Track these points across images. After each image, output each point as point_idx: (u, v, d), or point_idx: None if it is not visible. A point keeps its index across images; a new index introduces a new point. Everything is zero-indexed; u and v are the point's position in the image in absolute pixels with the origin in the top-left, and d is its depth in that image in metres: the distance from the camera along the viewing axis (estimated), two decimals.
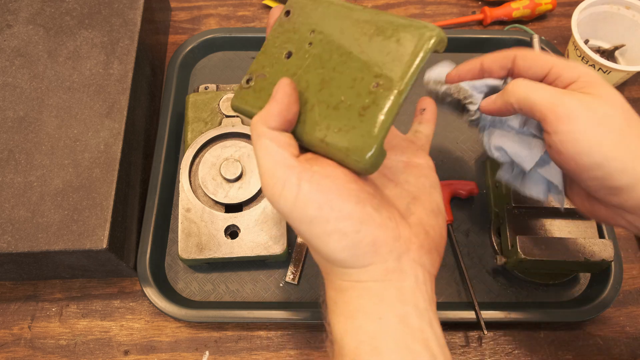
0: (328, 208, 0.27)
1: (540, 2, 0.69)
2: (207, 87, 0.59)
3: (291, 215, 0.28)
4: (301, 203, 0.27)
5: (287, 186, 0.27)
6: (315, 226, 0.28)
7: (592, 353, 0.50)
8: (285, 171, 0.28)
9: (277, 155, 0.28)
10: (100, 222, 0.46)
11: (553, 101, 0.33)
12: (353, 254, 0.28)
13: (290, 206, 0.28)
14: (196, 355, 0.50)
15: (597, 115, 0.32)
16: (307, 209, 0.27)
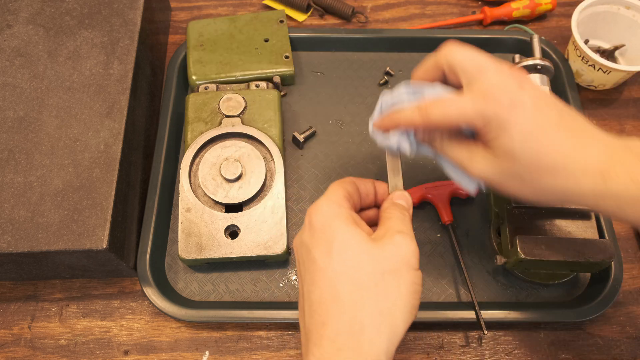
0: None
1: (540, 2, 0.69)
2: (207, 87, 0.59)
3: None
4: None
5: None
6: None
7: (592, 353, 0.50)
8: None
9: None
10: (100, 222, 0.46)
11: (464, 167, 0.38)
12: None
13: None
14: (196, 355, 0.50)
15: (501, 175, 0.36)
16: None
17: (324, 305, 0.32)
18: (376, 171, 0.59)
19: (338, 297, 0.32)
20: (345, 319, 0.31)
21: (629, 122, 0.63)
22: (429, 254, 0.54)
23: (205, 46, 0.63)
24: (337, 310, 0.31)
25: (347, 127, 0.62)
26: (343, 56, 0.67)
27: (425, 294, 0.52)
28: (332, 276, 0.32)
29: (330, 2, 0.70)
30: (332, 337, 0.31)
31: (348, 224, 0.34)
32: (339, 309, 0.31)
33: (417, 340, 0.51)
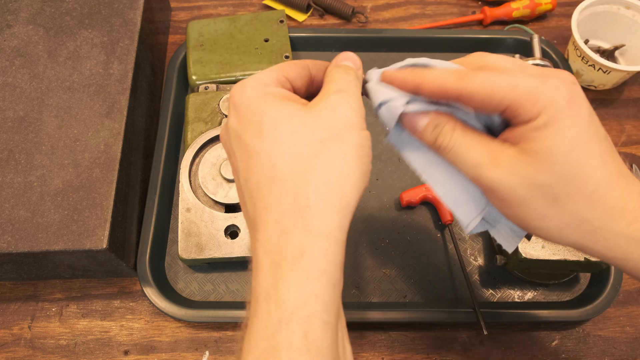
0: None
1: (540, 2, 0.69)
2: (207, 87, 0.59)
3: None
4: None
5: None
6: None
7: (592, 353, 0.50)
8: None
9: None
10: (100, 222, 0.46)
11: (482, 174, 0.30)
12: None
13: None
14: (196, 355, 0.50)
15: (530, 188, 0.28)
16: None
17: (263, 189, 0.28)
18: (376, 171, 0.59)
19: (277, 177, 0.28)
20: (288, 198, 0.27)
21: (629, 122, 0.63)
22: (429, 254, 0.54)
23: (205, 46, 0.63)
24: (278, 191, 0.28)
25: None
26: None
27: (426, 294, 0.52)
28: (267, 157, 0.28)
29: (330, 2, 0.70)
30: (276, 219, 0.28)
31: (276, 99, 0.30)
32: (280, 189, 0.28)
33: (417, 340, 0.51)
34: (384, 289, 0.53)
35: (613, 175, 0.28)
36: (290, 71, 0.32)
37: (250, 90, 0.30)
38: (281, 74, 0.31)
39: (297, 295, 0.26)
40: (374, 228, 0.56)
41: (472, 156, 0.30)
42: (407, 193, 0.56)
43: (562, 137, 0.27)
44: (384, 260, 0.54)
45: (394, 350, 0.50)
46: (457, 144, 0.30)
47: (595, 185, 0.28)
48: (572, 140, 0.27)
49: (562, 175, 0.28)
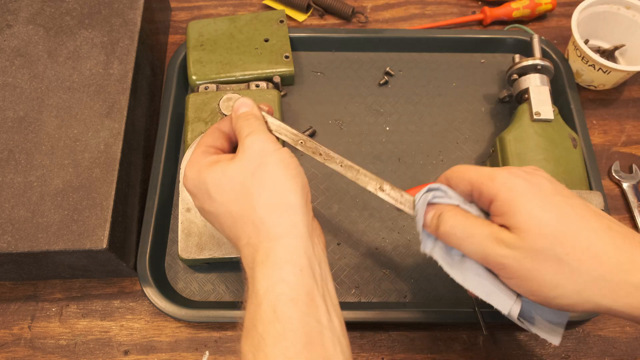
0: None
1: (540, 2, 0.69)
2: (207, 87, 0.59)
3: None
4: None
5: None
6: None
7: (592, 353, 0.50)
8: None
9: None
10: (100, 222, 0.46)
11: (482, 253, 0.33)
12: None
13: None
14: (196, 355, 0.50)
15: (532, 255, 0.31)
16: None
17: (232, 229, 0.37)
18: (376, 171, 0.59)
19: (236, 217, 0.36)
20: (248, 225, 0.36)
21: (629, 122, 0.63)
22: None
23: (205, 46, 0.63)
24: (241, 224, 0.36)
25: (347, 127, 0.62)
26: (343, 56, 0.67)
27: (426, 294, 0.52)
28: (225, 208, 0.37)
29: (330, 2, 0.70)
30: (247, 242, 0.36)
31: (208, 168, 0.38)
32: (242, 222, 0.36)
33: (416, 340, 0.51)
34: (384, 289, 0.53)
35: (603, 231, 0.30)
36: (208, 140, 0.41)
37: (190, 172, 0.39)
38: (203, 146, 0.41)
39: (265, 283, 0.33)
40: (374, 228, 0.56)
41: (476, 239, 0.33)
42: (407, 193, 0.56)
43: (533, 205, 0.31)
44: (384, 260, 0.54)
45: (394, 350, 0.50)
46: (459, 228, 0.34)
47: (587, 241, 0.30)
48: (542, 205, 0.31)
49: (552, 235, 0.30)
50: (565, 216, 0.31)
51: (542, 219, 0.31)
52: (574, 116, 0.59)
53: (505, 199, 0.32)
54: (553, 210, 0.31)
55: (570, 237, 0.30)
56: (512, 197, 0.32)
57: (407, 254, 0.54)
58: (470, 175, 0.35)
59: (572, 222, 0.31)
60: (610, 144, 0.62)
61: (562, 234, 0.30)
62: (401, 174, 0.59)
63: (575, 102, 0.60)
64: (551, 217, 0.31)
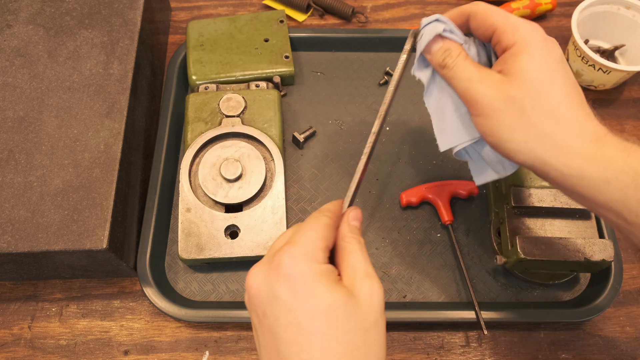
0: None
1: (540, 2, 0.69)
2: (207, 87, 0.59)
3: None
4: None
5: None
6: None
7: (592, 353, 0.50)
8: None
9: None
10: (100, 222, 0.46)
11: (469, 90, 0.36)
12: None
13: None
14: (196, 355, 0.50)
15: (504, 99, 0.34)
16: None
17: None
18: (376, 171, 0.59)
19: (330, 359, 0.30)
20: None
21: (629, 122, 0.63)
22: (429, 254, 0.54)
23: (205, 46, 0.63)
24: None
25: (347, 127, 0.62)
26: (343, 56, 0.67)
27: (426, 294, 0.52)
28: (323, 339, 0.30)
29: (330, 2, 0.70)
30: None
31: (329, 284, 0.32)
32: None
33: (417, 340, 0.51)
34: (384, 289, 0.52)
35: (574, 103, 0.34)
36: (330, 240, 0.35)
37: (305, 265, 0.32)
38: (324, 243, 0.34)
39: None
40: (374, 228, 0.56)
41: (466, 74, 0.36)
42: (407, 193, 0.56)
43: (534, 61, 0.34)
44: (384, 260, 0.54)
45: (394, 350, 0.50)
46: (458, 64, 0.37)
47: (557, 104, 0.34)
48: (541, 65, 0.34)
49: (530, 89, 0.34)
50: (552, 81, 0.34)
51: (532, 75, 0.34)
52: None
53: (516, 51, 0.35)
54: (547, 73, 0.34)
55: (544, 98, 0.34)
56: (523, 50, 0.35)
57: (407, 254, 0.54)
58: (495, 20, 0.36)
59: (554, 88, 0.34)
60: None
61: (539, 92, 0.34)
62: (401, 174, 0.59)
63: None
64: (540, 77, 0.34)
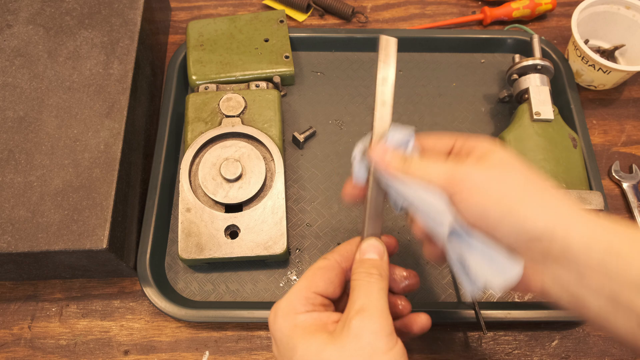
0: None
1: (540, 2, 0.69)
2: (207, 87, 0.59)
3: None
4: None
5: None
6: None
7: (592, 353, 0.50)
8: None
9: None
10: (100, 222, 0.46)
11: (448, 170, 0.33)
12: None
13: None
14: (196, 355, 0.50)
15: (495, 175, 0.32)
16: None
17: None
18: None
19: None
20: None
21: (629, 122, 0.63)
22: None
23: (205, 46, 0.63)
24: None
25: (347, 127, 0.62)
26: (343, 56, 0.67)
27: (426, 294, 0.52)
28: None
29: (330, 2, 0.70)
30: None
31: (304, 334, 0.31)
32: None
33: (417, 340, 0.51)
34: None
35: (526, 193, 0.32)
36: (320, 284, 0.34)
37: (281, 323, 0.32)
38: (310, 291, 0.34)
39: None
40: None
41: (441, 164, 0.34)
42: None
43: (502, 151, 0.34)
44: None
45: None
46: (425, 161, 0.35)
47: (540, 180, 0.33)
48: (508, 154, 0.34)
49: (513, 165, 0.33)
50: (523, 165, 0.33)
51: (504, 158, 0.33)
52: (574, 116, 0.59)
53: (485, 145, 0.34)
54: (512, 163, 0.33)
55: (529, 173, 0.33)
56: (489, 145, 0.34)
57: (407, 254, 0.54)
58: (450, 136, 0.36)
59: (529, 169, 0.33)
60: (610, 144, 0.62)
61: (520, 170, 0.33)
62: None
63: (575, 102, 0.60)
64: (513, 160, 0.33)
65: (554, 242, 0.30)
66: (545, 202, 0.31)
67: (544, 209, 0.31)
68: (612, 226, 0.30)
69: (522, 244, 0.31)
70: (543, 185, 0.32)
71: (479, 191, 0.32)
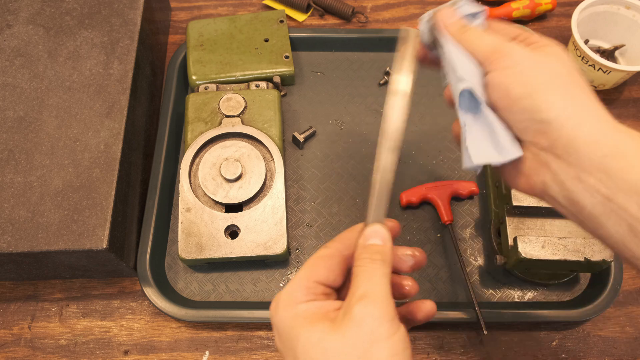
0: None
1: (540, 2, 0.69)
2: (207, 87, 0.59)
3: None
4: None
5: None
6: None
7: (592, 353, 0.50)
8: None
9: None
10: (100, 222, 0.46)
11: (497, 44, 0.34)
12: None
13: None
14: (196, 355, 0.50)
15: (539, 62, 0.32)
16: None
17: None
18: None
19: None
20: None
21: (629, 122, 0.63)
22: (429, 254, 0.54)
23: (205, 46, 0.63)
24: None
25: (347, 127, 0.62)
26: (343, 56, 0.67)
27: (426, 294, 0.52)
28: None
29: (330, 2, 0.70)
30: None
31: (305, 323, 0.31)
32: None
33: (417, 340, 0.51)
34: None
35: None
36: (320, 272, 0.34)
37: (283, 313, 0.32)
38: (310, 281, 0.33)
39: None
40: None
41: (492, 37, 0.34)
42: (407, 193, 0.56)
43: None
44: None
45: None
46: (481, 32, 0.35)
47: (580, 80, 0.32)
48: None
49: (558, 57, 0.33)
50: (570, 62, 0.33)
51: (556, 52, 0.33)
52: None
53: (546, 41, 0.34)
54: (562, 58, 0.33)
55: (571, 67, 0.33)
56: (552, 42, 0.34)
57: None
58: (521, 27, 0.36)
59: (549, 66, 0.33)
60: None
61: (565, 62, 0.33)
62: (401, 174, 0.59)
63: None
64: (563, 54, 0.33)
65: (561, 132, 0.30)
66: (567, 94, 0.31)
67: (563, 100, 0.31)
68: (624, 129, 0.30)
69: (531, 130, 0.32)
70: (576, 81, 0.32)
71: (514, 69, 0.32)
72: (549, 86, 0.31)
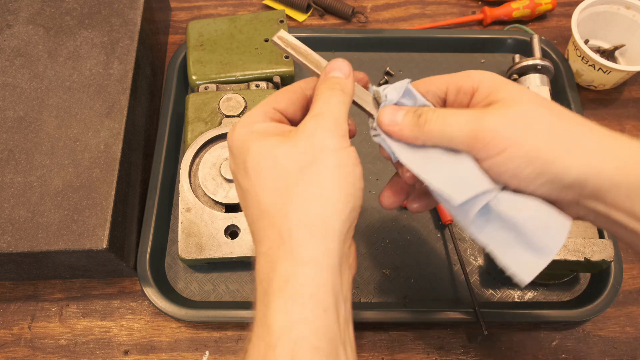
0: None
1: (540, 2, 0.69)
2: (207, 87, 0.59)
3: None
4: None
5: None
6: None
7: (592, 353, 0.50)
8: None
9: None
10: (100, 222, 0.46)
11: (472, 128, 0.31)
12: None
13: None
14: (196, 355, 0.50)
15: (525, 126, 0.30)
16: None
17: (256, 224, 0.31)
18: (376, 171, 0.59)
19: (264, 212, 0.30)
20: (274, 231, 0.29)
21: (629, 122, 0.63)
22: (429, 254, 0.54)
23: (205, 46, 0.63)
24: (266, 225, 0.30)
25: None
26: (343, 56, 0.66)
27: (426, 294, 0.52)
28: (254, 194, 0.30)
29: (330, 2, 0.70)
30: (265, 251, 0.30)
31: (259, 137, 0.31)
32: (267, 223, 0.30)
33: (417, 340, 0.51)
34: (384, 289, 0.53)
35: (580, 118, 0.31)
36: (280, 101, 0.34)
37: (239, 131, 0.32)
38: (270, 107, 0.33)
39: (283, 320, 0.27)
40: (374, 228, 0.56)
41: (462, 117, 0.31)
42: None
43: (511, 85, 0.33)
44: (384, 260, 0.54)
45: (394, 350, 0.50)
46: (442, 113, 0.32)
47: (569, 116, 0.31)
48: (519, 87, 0.33)
49: (535, 103, 0.31)
50: (548, 101, 0.32)
51: (523, 93, 0.32)
52: None
53: (490, 83, 0.33)
54: (539, 97, 0.32)
55: (553, 109, 0.31)
56: (495, 81, 0.33)
57: (407, 254, 0.54)
58: (441, 78, 0.35)
59: (555, 105, 0.32)
60: None
61: (544, 105, 0.31)
62: None
63: (575, 102, 0.60)
64: (535, 97, 0.32)
65: (585, 187, 0.30)
66: (573, 143, 0.30)
67: (576, 158, 0.30)
68: (630, 152, 0.30)
69: (554, 194, 0.31)
70: (563, 115, 0.31)
71: (509, 152, 0.30)
72: (552, 146, 0.30)
